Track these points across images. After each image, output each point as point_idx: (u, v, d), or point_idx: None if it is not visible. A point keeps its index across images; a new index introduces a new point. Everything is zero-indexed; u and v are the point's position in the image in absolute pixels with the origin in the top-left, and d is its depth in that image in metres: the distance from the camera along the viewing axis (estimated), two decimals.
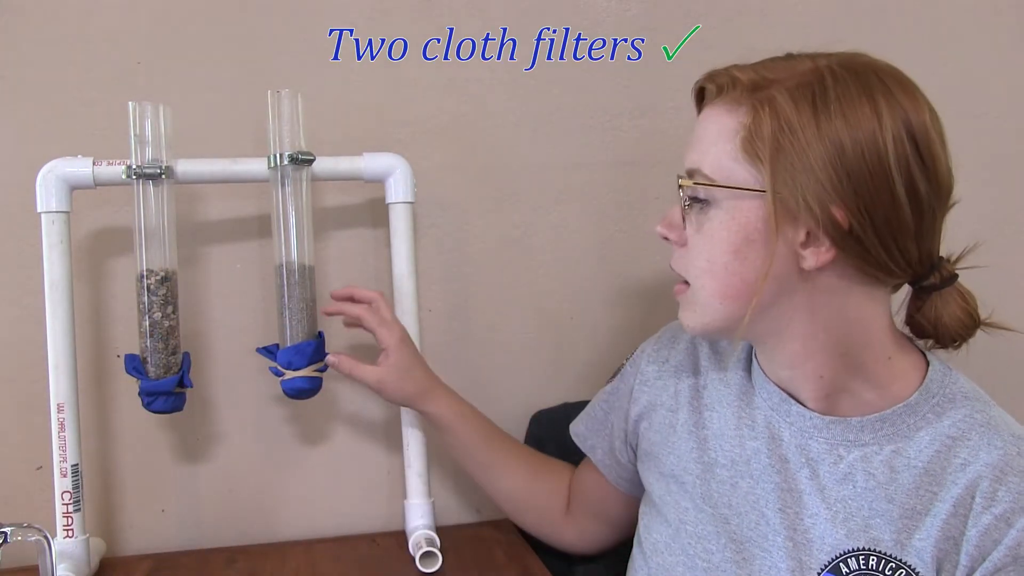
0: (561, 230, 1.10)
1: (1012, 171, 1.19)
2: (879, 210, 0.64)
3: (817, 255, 0.66)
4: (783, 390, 0.75)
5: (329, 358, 0.92)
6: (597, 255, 1.11)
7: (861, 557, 0.67)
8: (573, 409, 0.96)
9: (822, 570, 0.69)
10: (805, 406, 0.73)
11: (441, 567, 0.91)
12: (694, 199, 0.70)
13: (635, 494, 0.89)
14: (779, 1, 1.13)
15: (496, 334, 1.10)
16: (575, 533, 0.95)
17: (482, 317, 1.09)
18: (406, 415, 1.00)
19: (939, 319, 0.71)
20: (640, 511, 0.86)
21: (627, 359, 0.91)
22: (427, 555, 0.91)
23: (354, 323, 0.95)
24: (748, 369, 0.79)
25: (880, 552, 0.67)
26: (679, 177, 0.71)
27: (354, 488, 1.07)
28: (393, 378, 0.92)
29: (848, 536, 0.68)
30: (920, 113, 0.65)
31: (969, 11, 1.18)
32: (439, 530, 0.97)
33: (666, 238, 0.74)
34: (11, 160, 0.98)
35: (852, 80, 0.65)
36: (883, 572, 0.66)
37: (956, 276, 0.71)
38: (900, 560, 0.66)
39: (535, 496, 0.96)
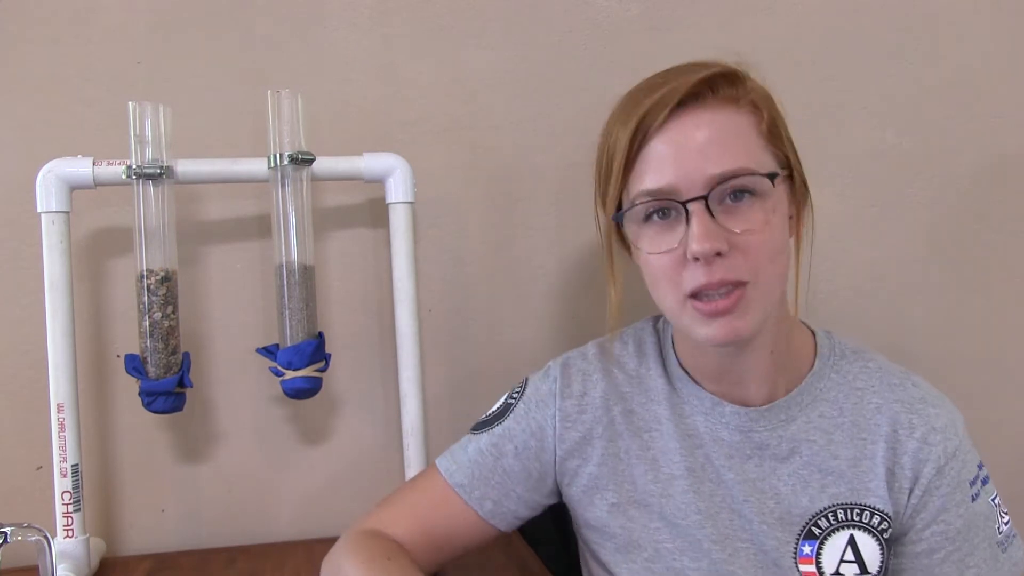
0: (561, 230, 1.10)
1: (1013, 171, 1.19)
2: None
3: (796, 217, 0.76)
4: (713, 392, 0.78)
5: None
6: (597, 255, 1.11)
7: (829, 514, 0.75)
8: None
9: (799, 538, 0.75)
10: (740, 403, 0.78)
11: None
12: (742, 197, 0.70)
13: (515, 527, 0.84)
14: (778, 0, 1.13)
15: (496, 334, 1.10)
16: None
17: (482, 317, 1.09)
18: (407, 414, 1.00)
19: None
20: (590, 551, 0.83)
21: (513, 399, 0.85)
22: None
23: None
24: (666, 378, 0.82)
25: (843, 503, 0.75)
26: (723, 183, 0.69)
27: (354, 488, 1.07)
28: None
29: (811, 501, 0.75)
30: None
31: (969, 10, 1.17)
32: None
33: (718, 253, 0.69)
34: (11, 160, 0.98)
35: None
36: (852, 519, 0.74)
37: None
38: (862, 504, 0.75)
39: None
